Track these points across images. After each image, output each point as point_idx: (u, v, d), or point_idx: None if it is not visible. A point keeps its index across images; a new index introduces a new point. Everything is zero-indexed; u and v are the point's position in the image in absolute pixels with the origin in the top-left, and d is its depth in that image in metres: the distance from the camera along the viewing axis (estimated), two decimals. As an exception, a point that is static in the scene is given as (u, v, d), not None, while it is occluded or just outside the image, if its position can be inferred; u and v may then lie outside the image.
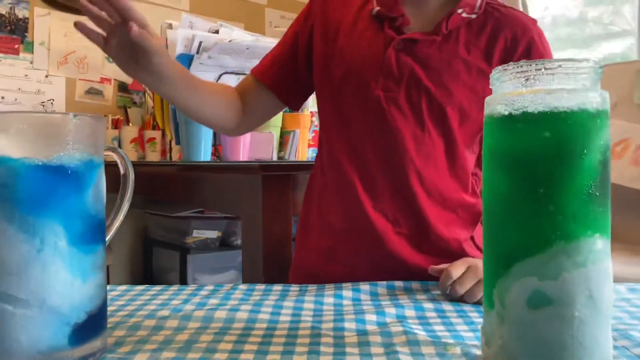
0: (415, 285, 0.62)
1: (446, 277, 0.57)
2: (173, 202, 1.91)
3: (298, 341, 0.44)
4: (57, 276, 0.39)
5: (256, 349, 0.42)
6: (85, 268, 0.41)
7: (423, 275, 0.63)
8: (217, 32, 1.32)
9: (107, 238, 0.46)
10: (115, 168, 0.48)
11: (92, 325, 0.41)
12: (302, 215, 0.81)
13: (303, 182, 0.94)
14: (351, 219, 0.71)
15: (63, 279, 0.39)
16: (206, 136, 1.31)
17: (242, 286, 0.62)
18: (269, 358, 0.40)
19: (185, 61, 1.21)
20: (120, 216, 0.48)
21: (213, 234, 2.03)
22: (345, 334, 0.46)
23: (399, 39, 0.68)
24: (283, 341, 0.44)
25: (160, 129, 1.83)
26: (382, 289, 0.60)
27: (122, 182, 0.49)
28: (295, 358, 0.40)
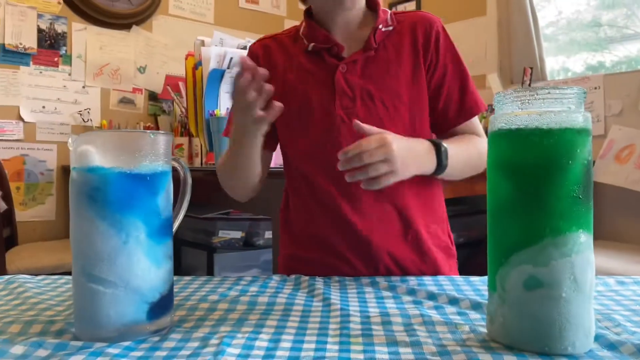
0: (428, 280, 0.70)
1: (356, 146, 0.63)
2: (201, 205, 2.02)
3: (331, 320, 0.53)
4: (138, 263, 0.48)
5: (297, 325, 0.51)
6: (159, 256, 0.50)
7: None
8: (245, 47, 1.42)
9: (173, 230, 0.56)
10: (175, 172, 0.57)
11: (163, 304, 0.50)
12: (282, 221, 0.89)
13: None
14: (332, 218, 0.79)
15: (143, 265, 0.49)
16: (236, 143, 1.40)
17: (276, 277, 0.71)
18: (308, 332, 0.49)
19: (217, 76, 1.30)
20: (181, 213, 0.58)
21: (237, 234, 2.13)
22: (370, 314, 0.54)
23: (343, 63, 0.79)
24: (319, 320, 0.53)
25: (187, 136, 1.94)
26: (397, 282, 0.69)
27: (182, 186, 0.58)
28: (330, 332, 0.49)
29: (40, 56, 2.24)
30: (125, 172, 0.48)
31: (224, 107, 1.61)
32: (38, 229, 2.27)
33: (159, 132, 0.51)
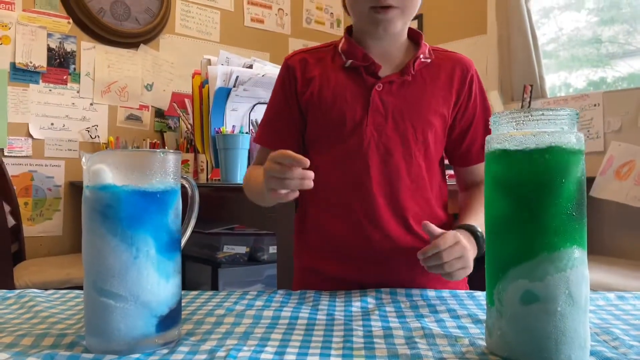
0: (431, 293, 0.71)
1: (434, 246, 0.68)
2: (206, 220, 2.04)
3: (334, 333, 0.54)
4: (148, 278, 0.50)
5: (301, 338, 0.52)
6: (168, 271, 0.52)
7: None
8: (250, 66, 1.45)
9: (182, 245, 0.57)
10: (183, 189, 0.59)
11: (172, 317, 0.52)
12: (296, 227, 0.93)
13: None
14: (352, 231, 0.83)
15: (152, 279, 0.50)
16: (242, 160, 1.44)
17: (281, 291, 0.73)
18: (312, 345, 0.50)
19: (224, 94, 1.33)
20: (189, 229, 0.60)
21: (242, 249, 2.14)
22: (372, 327, 0.55)
23: (380, 82, 0.83)
24: (322, 333, 0.54)
25: (193, 152, 1.97)
26: (401, 297, 0.70)
27: (190, 203, 0.60)
28: (334, 345, 0.50)
29: (50, 74, 2.29)
30: (136, 189, 0.50)
31: (230, 124, 1.64)
32: (45, 244, 2.29)
33: (168, 151, 0.53)
